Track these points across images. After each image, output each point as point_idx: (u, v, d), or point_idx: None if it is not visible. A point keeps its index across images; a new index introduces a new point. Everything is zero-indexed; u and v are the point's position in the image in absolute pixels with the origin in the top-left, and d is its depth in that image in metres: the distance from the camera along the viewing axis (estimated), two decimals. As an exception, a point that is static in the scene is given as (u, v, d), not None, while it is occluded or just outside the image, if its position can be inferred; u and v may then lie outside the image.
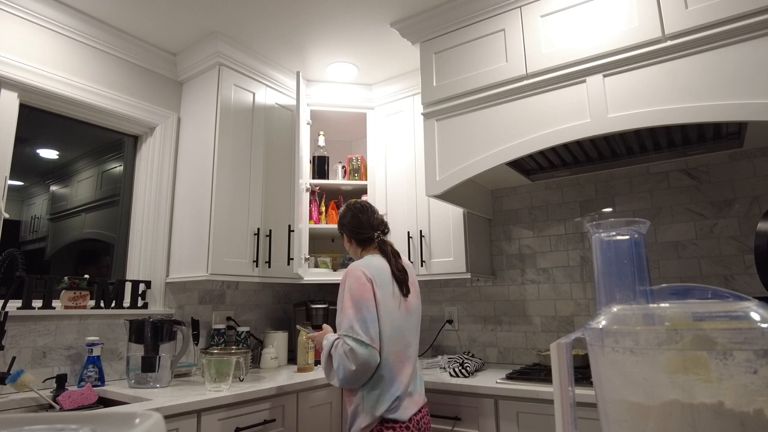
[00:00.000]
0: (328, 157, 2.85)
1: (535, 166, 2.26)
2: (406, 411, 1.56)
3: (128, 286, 2.23)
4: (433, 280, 2.63)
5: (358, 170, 2.85)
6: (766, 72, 1.45)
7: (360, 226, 1.78)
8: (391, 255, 1.73)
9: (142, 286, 2.27)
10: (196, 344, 2.31)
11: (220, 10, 2.16)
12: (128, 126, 2.40)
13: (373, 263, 1.67)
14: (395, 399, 1.54)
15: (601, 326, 0.53)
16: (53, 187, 2.20)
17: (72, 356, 1.97)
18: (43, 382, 1.86)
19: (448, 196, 2.13)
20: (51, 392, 1.78)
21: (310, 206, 2.73)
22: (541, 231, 2.45)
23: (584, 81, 1.77)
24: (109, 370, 2.08)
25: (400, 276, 1.68)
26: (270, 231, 2.47)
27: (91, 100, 2.17)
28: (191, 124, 2.46)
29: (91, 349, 1.92)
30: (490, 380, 1.93)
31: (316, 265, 2.70)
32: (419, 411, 1.62)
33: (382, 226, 1.81)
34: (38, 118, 2.12)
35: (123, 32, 2.30)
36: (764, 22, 1.47)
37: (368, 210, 1.81)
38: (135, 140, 2.50)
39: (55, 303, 1.95)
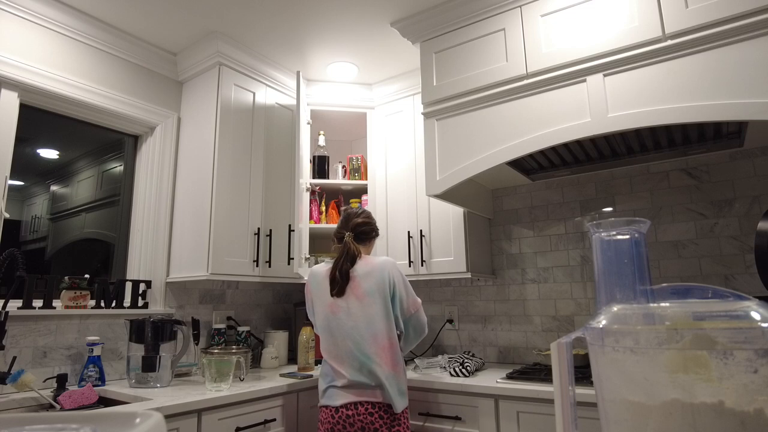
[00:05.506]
0: (328, 157, 2.85)
1: (535, 165, 2.26)
2: (336, 399, 1.68)
3: (128, 286, 2.24)
4: (434, 279, 2.63)
5: (358, 170, 2.84)
6: (766, 72, 1.45)
7: (338, 227, 1.94)
8: (343, 258, 1.82)
9: (142, 286, 2.27)
10: (197, 344, 2.31)
11: (220, 10, 2.16)
12: (128, 126, 2.40)
13: (319, 270, 1.88)
14: (326, 388, 1.72)
15: (601, 326, 0.53)
16: (53, 187, 2.20)
17: (72, 356, 1.97)
18: (44, 381, 1.86)
19: (449, 195, 2.13)
20: (51, 392, 1.78)
21: (310, 206, 2.73)
22: (541, 230, 2.45)
23: (584, 80, 1.77)
24: (110, 370, 2.08)
25: (338, 278, 1.79)
26: (270, 231, 2.47)
27: (91, 100, 2.17)
28: (191, 123, 2.46)
29: (92, 349, 1.92)
30: (491, 380, 1.93)
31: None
32: (354, 404, 1.66)
33: (357, 229, 1.91)
34: (38, 118, 2.12)
35: (123, 32, 2.29)
36: (764, 22, 1.47)
37: (350, 214, 1.95)
38: (135, 140, 2.50)
39: (56, 303, 1.96)
